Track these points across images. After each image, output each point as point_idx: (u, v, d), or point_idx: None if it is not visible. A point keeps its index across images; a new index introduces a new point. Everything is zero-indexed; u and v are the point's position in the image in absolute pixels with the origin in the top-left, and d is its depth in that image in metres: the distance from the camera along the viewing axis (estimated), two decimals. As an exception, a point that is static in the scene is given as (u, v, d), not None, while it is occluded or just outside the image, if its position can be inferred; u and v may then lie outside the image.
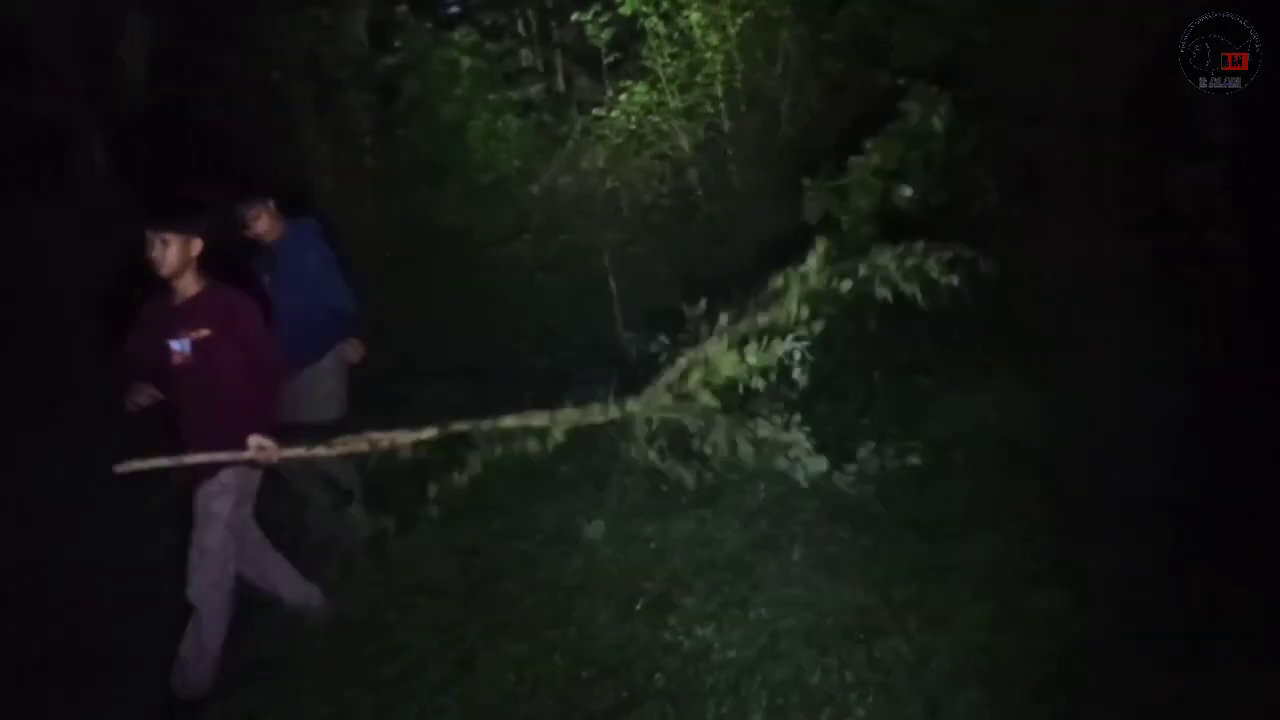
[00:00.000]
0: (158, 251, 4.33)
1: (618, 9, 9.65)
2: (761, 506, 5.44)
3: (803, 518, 5.34)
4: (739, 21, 9.35)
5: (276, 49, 10.19)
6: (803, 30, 9.27)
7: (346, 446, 4.74)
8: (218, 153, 9.78)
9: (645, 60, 9.80)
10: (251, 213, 5.60)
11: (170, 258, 4.35)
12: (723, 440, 5.22)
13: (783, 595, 4.72)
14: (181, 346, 4.36)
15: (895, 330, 6.37)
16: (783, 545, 5.13)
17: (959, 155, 6.86)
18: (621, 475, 5.60)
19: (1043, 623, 4.23)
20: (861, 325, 6.25)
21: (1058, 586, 4.40)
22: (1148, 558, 4.43)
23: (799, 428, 5.39)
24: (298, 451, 4.57)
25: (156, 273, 4.37)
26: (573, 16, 10.41)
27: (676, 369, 5.30)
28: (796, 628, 4.47)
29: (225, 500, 4.41)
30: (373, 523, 5.54)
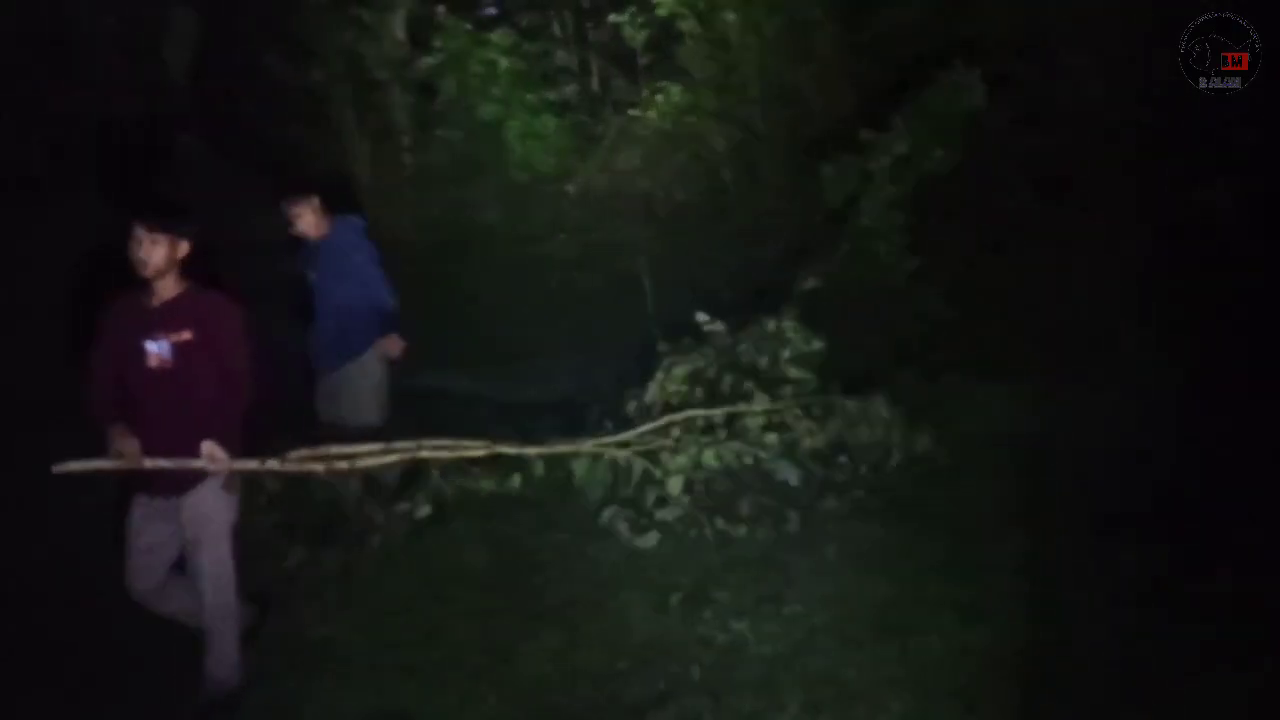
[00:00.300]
0: (145, 249, 4.12)
1: (654, 10, 9.73)
2: (792, 503, 5.48)
3: (835, 514, 5.40)
4: (774, 23, 9.40)
5: (318, 48, 10.29)
6: (836, 32, 9.30)
7: (301, 465, 4.62)
8: (261, 151, 9.93)
9: (680, 61, 9.87)
10: (295, 210, 5.69)
11: (157, 257, 4.12)
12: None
13: (816, 591, 4.77)
14: (159, 349, 4.16)
15: (924, 328, 6.41)
16: (815, 541, 5.19)
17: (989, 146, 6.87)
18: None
19: (1077, 620, 4.27)
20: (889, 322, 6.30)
21: (1091, 583, 4.44)
22: (1180, 556, 4.46)
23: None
24: (250, 464, 4.40)
25: (140, 271, 4.15)
26: (609, 18, 10.50)
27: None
28: (830, 623, 4.53)
29: (227, 509, 4.32)
30: (408, 514, 5.56)
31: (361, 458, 4.79)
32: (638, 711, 4.08)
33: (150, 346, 4.16)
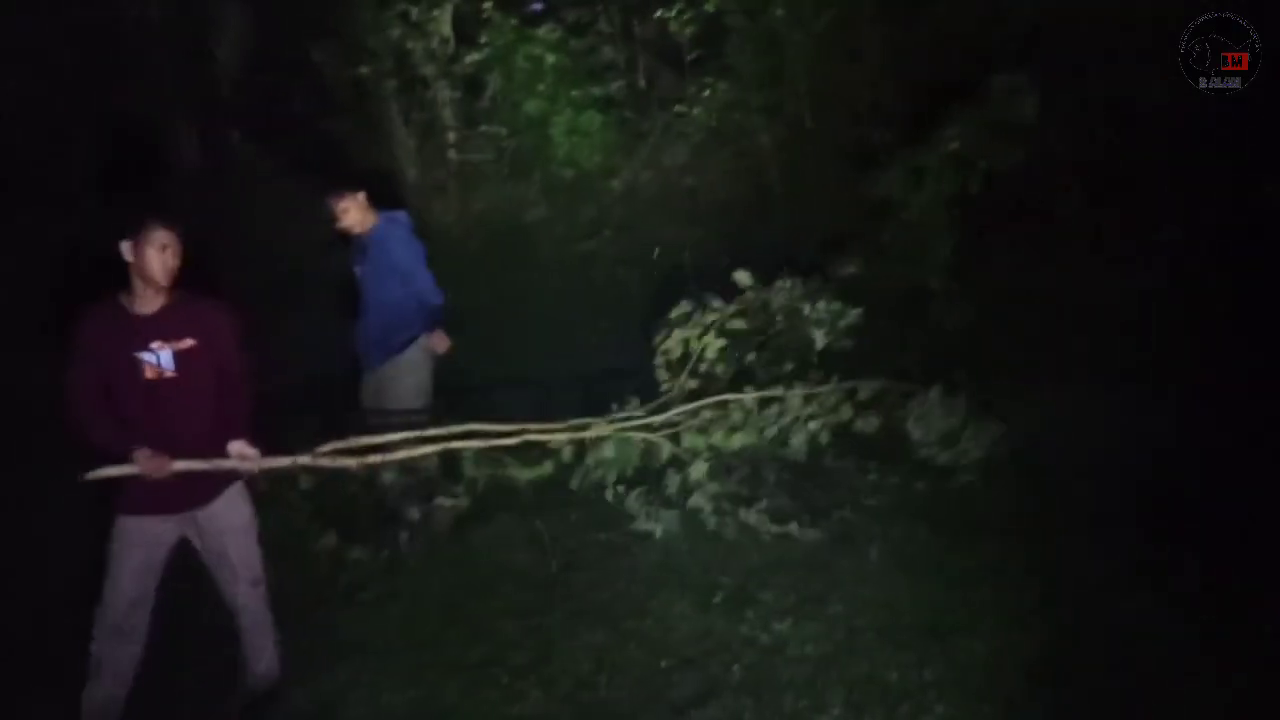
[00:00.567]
0: (171, 255, 3.92)
1: (701, 6, 9.70)
2: (837, 505, 5.45)
3: (879, 516, 5.38)
4: (822, 19, 9.35)
5: (366, 44, 10.36)
6: (886, 28, 9.24)
7: (332, 461, 4.52)
8: (309, 146, 10.02)
9: (727, 57, 9.84)
10: (341, 205, 5.71)
11: (176, 263, 3.96)
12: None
13: (859, 592, 4.76)
14: (157, 359, 3.95)
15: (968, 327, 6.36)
16: (859, 541, 5.16)
17: (1044, 151, 6.80)
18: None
19: (1121, 626, 4.22)
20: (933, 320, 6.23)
21: (1141, 590, 4.39)
22: (1239, 565, 4.40)
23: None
24: (281, 462, 4.33)
25: (159, 279, 3.92)
26: (656, 13, 10.49)
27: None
28: (873, 625, 4.51)
29: (249, 512, 4.25)
30: (445, 507, 5.57)
31: (392, 450, 4.73)
32: (679, 710, 4.08)
33: (146, 358, 3.94)
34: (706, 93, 9.92)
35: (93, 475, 3.88)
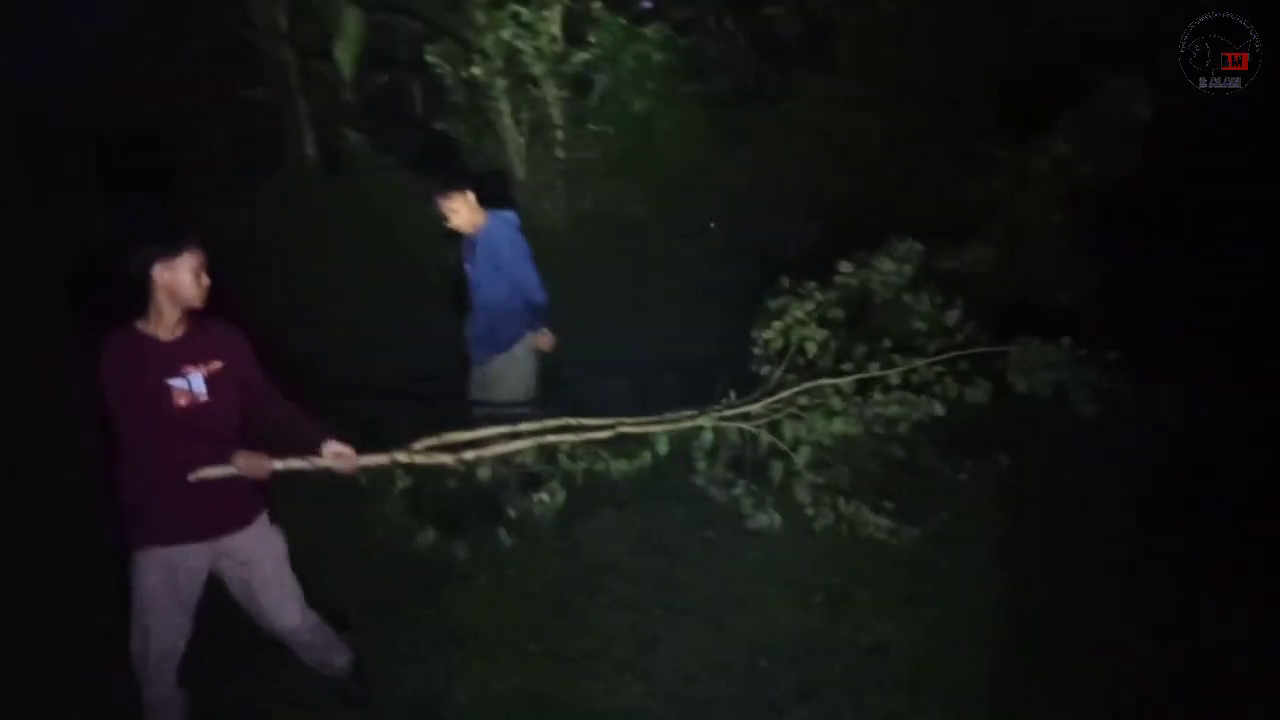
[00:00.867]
0: (204, 277, 3.74)
1: (807, 2, 9.68)
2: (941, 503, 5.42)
3: (981, 515, 5.34)
4: (931, 12, 9.26)
5: (477, 44, 10.55)
6: (998, 21, 9.11)
7: (428, 457, 4.43)
8: (422, 145, 10.24)
9: (834, 52, 9.81)
10: (450, 205, 5.81)
11: (204, 281, 3.76)
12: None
13: (962, 594, 4.75)
14: (188, 384, 3.73)
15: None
16: (962, 543, 5.14)
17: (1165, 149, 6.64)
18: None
19: (1238, 631, 4.15)
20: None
21: (1261, 592, 4.30)
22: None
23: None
24: (378, 459, 4.23)
25: (193, 303, 3.73)
26: (763, 9, 10.50)
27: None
28: (977, 627, 4.49)
29: (281, 538, 4.06)
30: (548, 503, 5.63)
31: (488, 445, 4.67)
32: (778, 709, 4.13)
33: (177, 384, 3.71)
34: (812, 88, 9.88)
35: (196, 477, 3.70)
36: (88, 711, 4.31)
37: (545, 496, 5.18)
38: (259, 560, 3.94)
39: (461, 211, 5.83)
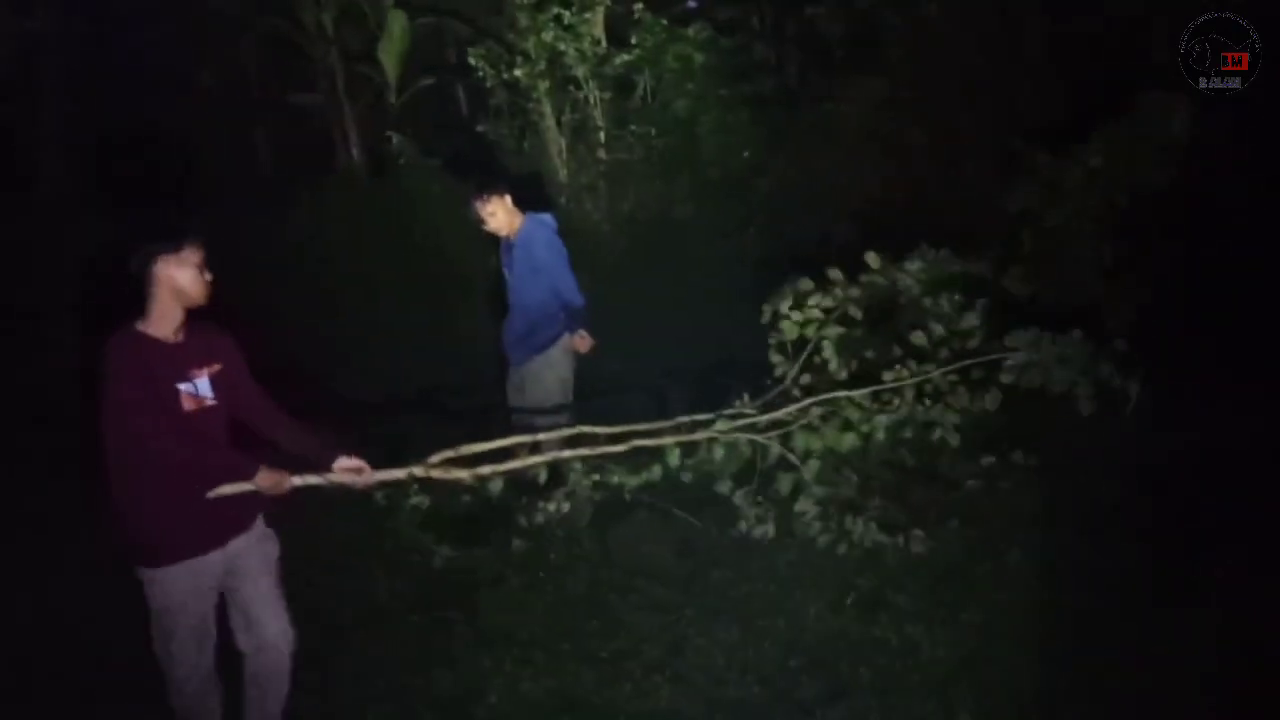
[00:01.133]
0: (207, 275, 3.62)
1: (852, 2, 9.64)
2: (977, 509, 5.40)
3: (1023, 519, 5.31)
4: (977, 14, 9.19)
5: (520, 47, 10.62)
6: (1045, 23, 9.03)
7: (446, 473, 4.35)
8: (466, 147, 10.33)
9: (879, 54, 9.77)
10: (488, 208, 5.86)
11: (207, 278, 3.63)
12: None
13: (997, 597, 4.71)
14: (195, 388, 3.59)
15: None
16: (999, 546, 5.11)
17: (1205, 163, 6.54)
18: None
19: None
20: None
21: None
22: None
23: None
24: (395, 474, 4.14)
25: (200, 301, 3.60)
26: (806, 10, 10.48)
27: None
28: (1010, 631, 4.46)
29: (276, 543, 3.88)
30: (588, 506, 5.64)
31: (503, 459, 4.67)
32: (807, 710, 4.11)
33: (185, 388, 3.57)
34: (856, 89, 9.85)
35: (214, 494, 3.59)
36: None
37: (553, 506, 5.21)
38: (262, 565, 3.78)
39: (499, 214, 5.88)
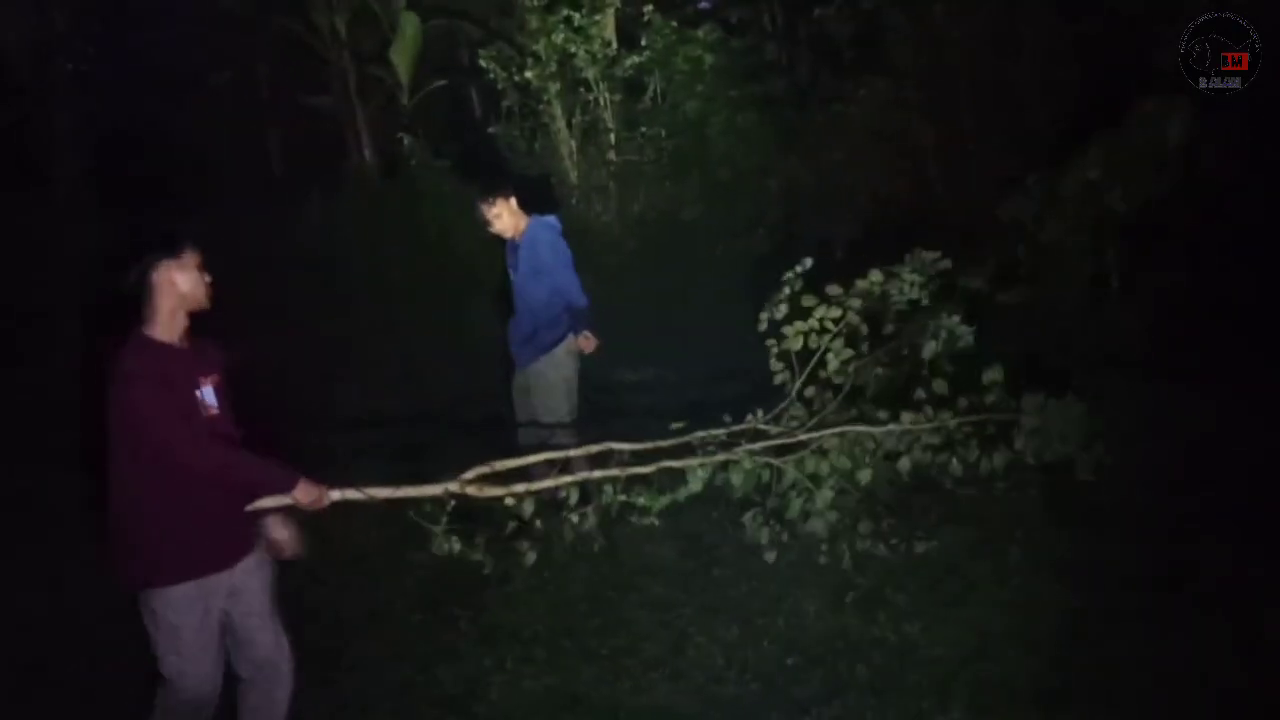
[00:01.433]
0: (202, 275, 3.52)
1: (860, 4, 9.66)
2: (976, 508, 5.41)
3: (1024, 519, 5.32)
4: (983, 14, 9.20)
5: (531, 49, 10.67)
6: (1052, 23, 9.02)
7: (479, 490, 4.27)
8: (477, 149, 10.39)
9: (888, 54, 9.78)
10: (493, 210, 5.90)
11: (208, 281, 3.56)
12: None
13: (996, 596, 4.73)
14: (203, 396, 3.49)
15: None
16: (999, 544, 5.13)
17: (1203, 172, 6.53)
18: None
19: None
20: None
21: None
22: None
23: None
24: (431, 490, 4.12)
25: (202, 306, 3.53)
26: (815, 11, 10.50)
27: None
28: (1008, 629, 4.48)
29: (270, 561, 3.75)
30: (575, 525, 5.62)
31: (535, 476, 4.65)
32: (803, 708, 4.14)
33: (199, 395, 3.49)
34: (865, 90, 9.87)
35: (252, 507, 3.55)
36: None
37: (574, 517, 5.21)
38: (258, 583, 3.65)
39: (503, 216, 5.92)
